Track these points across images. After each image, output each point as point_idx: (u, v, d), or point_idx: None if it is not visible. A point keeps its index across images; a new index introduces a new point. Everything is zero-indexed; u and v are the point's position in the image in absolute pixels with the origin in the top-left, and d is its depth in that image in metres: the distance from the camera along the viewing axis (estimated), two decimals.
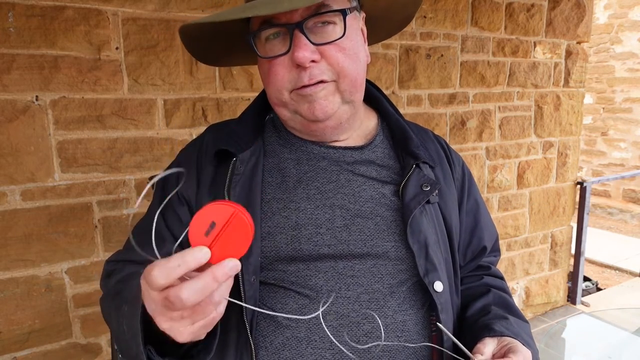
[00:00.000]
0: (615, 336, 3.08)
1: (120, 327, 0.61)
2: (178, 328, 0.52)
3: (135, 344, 0.56)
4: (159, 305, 0.51)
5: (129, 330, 0.58)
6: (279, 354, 0.69)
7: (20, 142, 1.67)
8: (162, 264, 0.49)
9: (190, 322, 0.52)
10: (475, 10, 2.64)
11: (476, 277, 0.91)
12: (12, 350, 1.75)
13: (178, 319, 0.51)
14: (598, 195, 6.54)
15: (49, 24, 1.65)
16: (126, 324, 0.59)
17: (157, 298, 0.50)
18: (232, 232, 0.50)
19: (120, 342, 0.64)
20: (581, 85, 3.19)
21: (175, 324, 0.52)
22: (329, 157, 0.78)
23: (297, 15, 0.67)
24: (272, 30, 0.70)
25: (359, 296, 0.70)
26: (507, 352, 0.66)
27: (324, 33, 0.70)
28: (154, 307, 0.52)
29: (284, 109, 0.75)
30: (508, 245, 3.12)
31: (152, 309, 0.53)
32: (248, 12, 0.62)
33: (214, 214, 0.50)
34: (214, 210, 0.51)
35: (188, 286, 0.48)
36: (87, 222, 1.82)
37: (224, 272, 0.49)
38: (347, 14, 0.70)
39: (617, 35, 6.35)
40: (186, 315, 0.51)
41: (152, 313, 0.53)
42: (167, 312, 0.51)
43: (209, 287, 0.49)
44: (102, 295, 0.78)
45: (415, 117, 2.57)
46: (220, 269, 0.49)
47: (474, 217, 0.91)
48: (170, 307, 0.50)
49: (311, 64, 0.69)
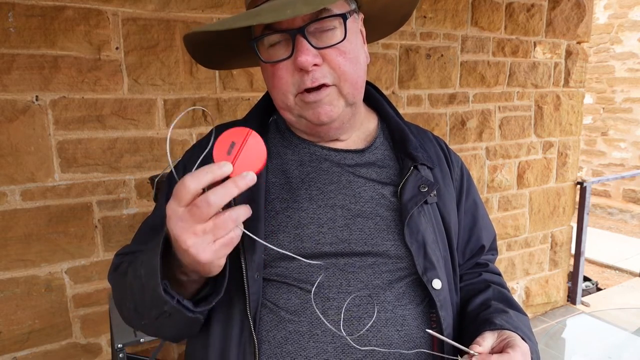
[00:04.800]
0: (615, 336, 3.09)
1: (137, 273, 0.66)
2: (201, 244, 0.57)
3: (154, 278, 0.61)
4: (185, 219, 0.56)
5: (147, 269, 0.63)
6: (282, 348, 0.71)
7: (20, 142, 1.67)
8: (192, 174, 0.55)
9: (212, 239, 0.57)
10: (475, 10, 2.64)
11: (475, 274, 0.93)
12: (12, 350, 1.75)
13: (201, 234, 0.57)
14: (598, 195, 6.55)
15: (49, 24, 1.65)
16: (144, 267, 0.64)
17: (183, 213, 0.56)
18: (249, 148, 0.59)
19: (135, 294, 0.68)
20: (581, 85, 3.19)
21: (199, 239, 0.57)
22: (331, 159, 0.81)
23: (299, 20, 0.69)
24: (274, 36, 0.72)
25: (359, 291, 0.72)
26: (506, 347, 0.67)
27: (325, 37, 0.72)
28: (180, 225, 0.57)
29: (289, 113, 0.77)
30: (508, 245, 3.12)
31: (178, 227, 0.57)
32: (253, 20, 0.64)
33: (232, 135, 0.59)
34: (232, 132, 0.59)
35: (214, 191, 0.55)
36: (87, 222, 1.82)
37: (244, 182, 0.56)
38: (347, 18, 0.72)
39: (617, 35, 6.35)
40: (209, 230, 0.56)
41: (177, 232, 0.57)
42: (192, 225, 0.56)
43: (231, 192, 0.56)
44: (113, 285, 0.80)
45: (415, 117, 2.57)
46: (241, 178, 0.56)
47: (473, 217, 0.93)
48: (196, 215, 0.55)
49: (313, 67, 0.70)
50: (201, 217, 0.55)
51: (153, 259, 0.61)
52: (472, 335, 0.72)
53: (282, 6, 0.63)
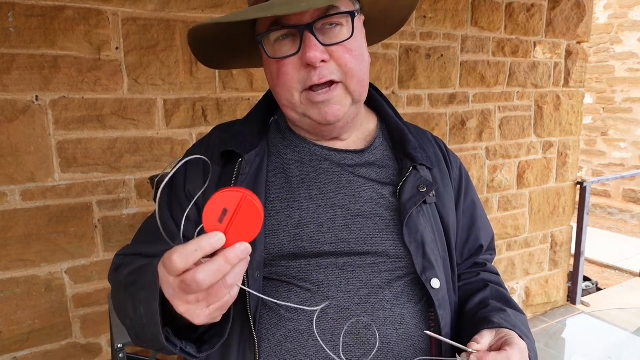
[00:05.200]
0: (615, 336, 3.09)
1: (137, 312, 0.64)
2: (195, 311, 0.55)
3: (154, 325, 0.59)
4: (177, 290, 0.54)
5: (147, 313, 0.61)
6: (281, 346, 0.72)
7: (20, 142, 1.67)
8: (180, 250, 0.52)
9: (206, 305, 0.55)
10: (475, 10, 2.65)
11: (473, 273, 0.94)
12: (12, 350, 1.76)
13: (194, 302, 0.55)
14: (598, 195, 6.55)
15: (49, 24, 1.65)
16: (144, 308, 0.62)
17: (174, 283, 0.54)
18: (243, 216, 0.54)
19: (136, 327, 0.67)
20: (581, 85, 3.19)
21: (192, 307, 0.55)
22: (331, 159, 0.81)
23: (308, 16, 0.70)
24: (282, 32, 0.72)
25: (359, 290, 0.73)
26: (504, 345, 0.68)
27: (332, 34, 0.72)
28: (171, 292, 0.55)
29: (293, 111, 0.77)
30: (508, 245, 3.12)
31: (169, 294, 0.56)
32: (266, 12, 0.64)
33: (224, 201, 0.54)
34: (224, 198, 0.54)
35: (203, 269, 0.52)
36: (87, 222, 1.82)
37: (235, 255, 0.52)
38: (355, 15, 0.73)
39: (617, 35, 6.35)
40: (202, 299, 0.54)
41: (169, 298, 0.56)
42: (184, 295, 0.54)
43: (223, 269, 0.52)
44: (113, 287, 0.80)
45: (415, 117, 2.57)
46: (232, 251, 0.52)
47: (471, 217, 0.94)
48: (187, 290, 0.53)
49: (321, 64, 0.71)
50: (192, 292, 0.53)
51: (152, 304, 0.59)
52: (470, 334, 0.73)
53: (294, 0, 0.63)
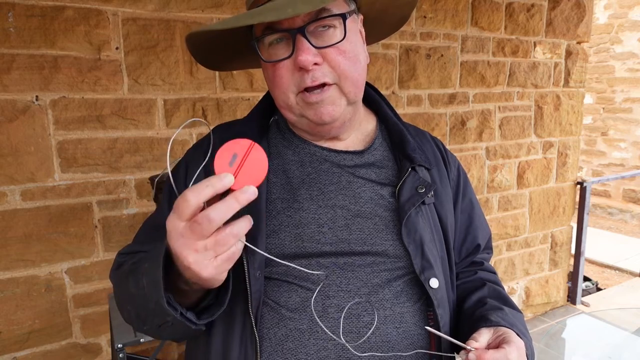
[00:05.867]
0: (615, 336, 3.09)
1: (139, 284, 0.65)
2: (202, 261, 0.57)
3: (157, 290, 0.60)
4: (187, 235, 0.56)
5: (150, 281, 0.62)
6: (283, 345, 0.72)
7: (20, 142, 1.67)
8: (192, 188, 0.54)
9: (214, 254, 0.57)
10: (475, 10, 2.65)
11: (471, 272, 0.95)
12: (12, 350, 1.76)
13: (202, 251, 0.56)
14: (598, 195, 6.55)
15: (49, 24, 1.65)
16: (146, 278, 0.63)
17: (185, 228, 0.56)
18: (251, 161, 0.58)
19: (137, 303, 0.68)
20: (581, 85, 3.20)
21: (200, 256, 0.56)
22: (331, 160, 0.82)
23: (299, 20, 0.70)
24: (275, 36, 0.73)
25: (359, 289, 0.74)
26: (501, 342, 0.68)
27: (325, 37, 0.73)
28: (181, 240, 0.56)
29: (290, 112, 0.78)
30: (508, 245, 3.12)
31: (179, 244, 0.57)
32: (254, 19, 0.65)
33: (234, 147, 0.58)
34: (234, 144, 0.58)
35: (214, 207, 0.54)
36: (87, 222, 1.82)
37: (245, 196, 0.55)
38: (346, 17, 0.73)
39: (617, 35, 6.35)
40: (210, 247, 0.56)
41: (179, 249, 0.57)
42: (193, 242, 0.56)
43: (233, 208, 0.54)
44: (115, 282, 0.80)
45: (415, 117, 2.57)
46: (241, 192, 0.55)
47: (469, 216, 0.95)
48: (197, 231, 0.55)
49: (314, 66, 0.71)
50: (202, 233, 0.55)
51: (155, 271, 0.61)
52: (468, 332, 0.73)
53: (283, 6, 0.64)
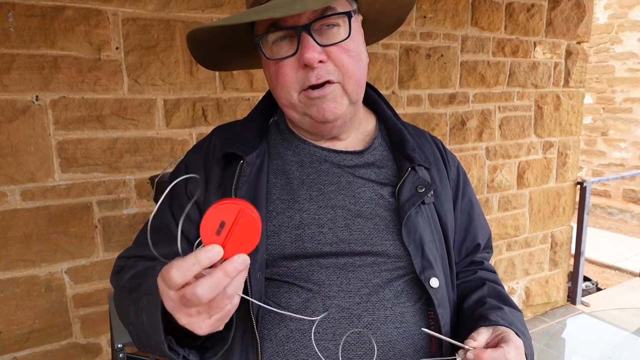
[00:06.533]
0: (615, 336, 3.09)
1: (139, 318, 0.64)
2: (197, 323, 0.56)
3: (156, 334, 0.60)
4: (177, 303, 0.54)
5: (149, 321, 0.61)
6: (284, 346, 0.72)
7: (20, 142, 1.67)
8: (179, 264, 0.52)
9: (208, 316, 0.56)
10: (475, 10, 2.65)
11: (470, 271, 0.95)
12: (12, 350, 1.76)
13: (196, 315, 0.55)
14: (598, 195, 6.55)
15: (49, 24, 1.65)
16: (146, 315, 0.62)
17: (174, 296, 0.54)
18: (241, 228, 0.53)
19: (138, 333, 0.67)
20: (581, 85, 3.19)
21: (194, 319, 0.55)
22: (331, 160, 0.82)
23: (305, 18, 0.70)
24: (279, 33, 0.72)
25: (359, 290, 0.74)
26: (500, 342, 0.68)
27: (330, 35, 0.73)
28: (172, 305, 0.55)
29: (293, 111, 0.78)
30: (508, 245, 3.12)
31: (170, 306, 0.56)
32: (263, 15, 0.64)
33: (221, 213, 0.53)
34: (221, 210, 0.53)
35: (202, 283, 0.51)
36: (87, 222, 1.82)
37: (234, 267, 0.52)
38: (352, 16, 0.73)
39: (617, 35, 6.35)
40: (203, 311, 0.55)
41: (171, 310, 0.56)
42: (184, 309, 0.55)
43: (222, 283, 0.52)
44: (116, 290, 0.81)
45: (415, 117, 2.57)
46: (230, 264, 0.52)
47: (468, 216, 0.95)
48: (187, 304, 0.53)
49: (318, 64, 0.71)
50: (193, 305, 0.53)
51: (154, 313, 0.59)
52: (468, 331, 0.73)
53: (290, 2, 0.64)
